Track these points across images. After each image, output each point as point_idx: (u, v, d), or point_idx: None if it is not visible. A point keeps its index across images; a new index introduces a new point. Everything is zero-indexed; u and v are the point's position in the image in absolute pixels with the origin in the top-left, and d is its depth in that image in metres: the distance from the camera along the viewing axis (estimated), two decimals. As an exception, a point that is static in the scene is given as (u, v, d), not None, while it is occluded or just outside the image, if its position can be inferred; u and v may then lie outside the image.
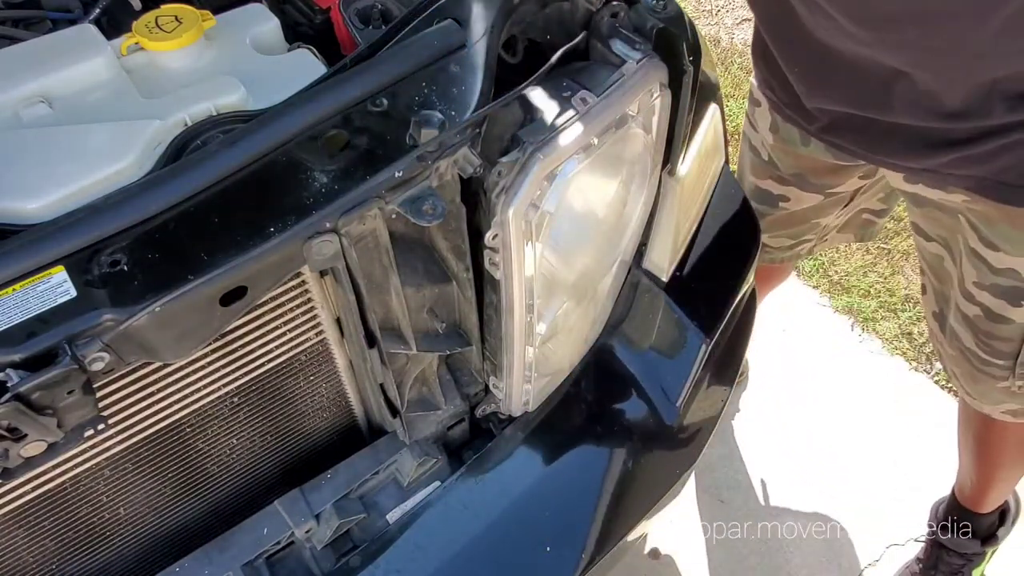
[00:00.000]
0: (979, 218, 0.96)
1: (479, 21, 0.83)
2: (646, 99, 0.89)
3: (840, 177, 1.23)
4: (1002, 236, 0.95)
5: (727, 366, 1.31)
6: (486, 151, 0.80)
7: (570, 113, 0.81)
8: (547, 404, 1.11)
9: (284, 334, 0.83)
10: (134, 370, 0.73)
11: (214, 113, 0.80)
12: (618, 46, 0.88)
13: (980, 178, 0.89)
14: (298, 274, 0.77)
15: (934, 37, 0.75)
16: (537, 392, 1.07)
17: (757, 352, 2.00)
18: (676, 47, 0.90)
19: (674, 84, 0.91)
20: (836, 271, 2.20)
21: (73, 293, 0.61)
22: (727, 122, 1.23)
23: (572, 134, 0.80)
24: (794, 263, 1.57)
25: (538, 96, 0.84)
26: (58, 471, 0.76)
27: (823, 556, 1.72)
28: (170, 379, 0.77)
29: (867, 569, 1.69)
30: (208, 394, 0.83)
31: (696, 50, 0.93)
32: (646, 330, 1.20)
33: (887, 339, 2.05)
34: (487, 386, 1.07)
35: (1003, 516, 1.60)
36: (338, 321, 0.87)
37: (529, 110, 0.83)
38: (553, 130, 0.79)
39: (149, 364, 0.73)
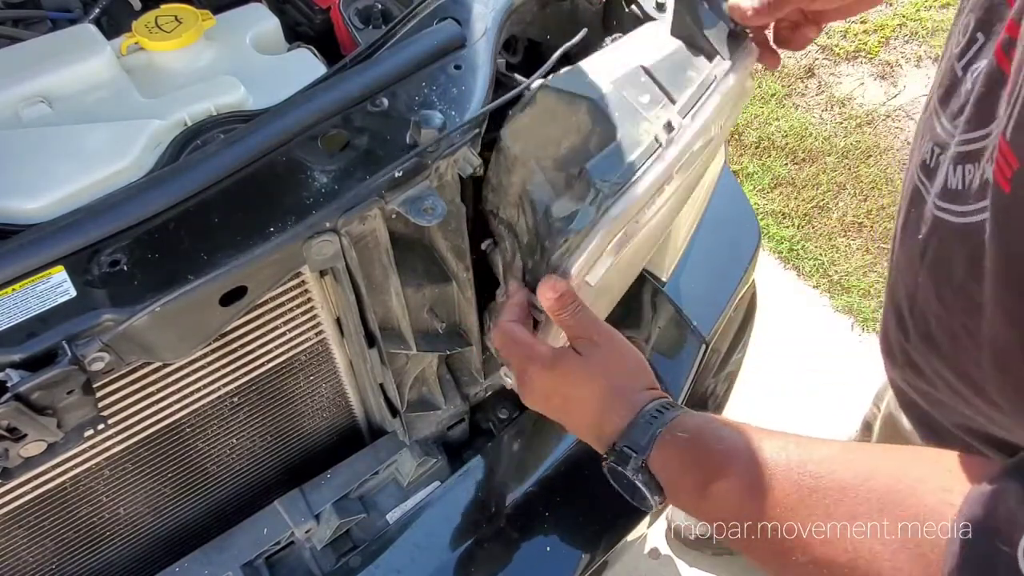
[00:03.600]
0: None
1: (479, 21, 0.83)
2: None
3: None
4: None
5: (726, 366, 1.31)
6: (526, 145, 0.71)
7: (652, 151, 0.67)
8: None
9: (284, 334, 0.83)
10: (134, 370, 0.73)
11: (214, 113, 0.80)
12: (712, 29, 0.71)
13: None
14: (298, 274, 0.77)
15: None
16: None
17: (756, 352, 2.00)
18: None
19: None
20: (836, 271, 2.20)
21: (73, 293, 0.61)
22: (727, 122, 1.22)
23: (648, 180, 0.66)
24: None
25: (613, 106, 0.68)
26: (58, 471, 0.76)
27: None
28: (170, 379, 0.77)
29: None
30: (208, 394, 0.83)
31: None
32: (646, 330, 1.20)
33: (887, 339, 2.06)
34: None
35: None
36: (338, 321, 0.86)
37: (598, 120, 0.68)
38: (630, 173, 0.66)
39: (149, 364, 0.73)
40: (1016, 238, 0.46)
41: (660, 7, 0.93)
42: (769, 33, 0.77)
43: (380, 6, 0.95)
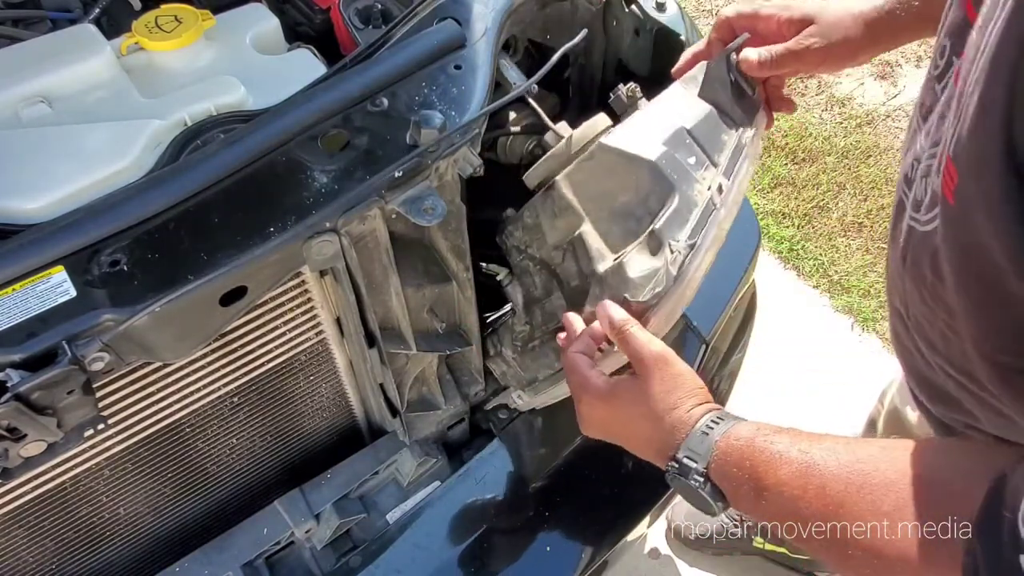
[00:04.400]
0: None
1: (479, 21, 0.83)
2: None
3: None
4: None
5: (726, 365, 1.31)
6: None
7: (710, 212, 0.72)
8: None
9: (284, 334, 0.83)
10: (134, 370, 0.73)
11: (214, 113, 0.80)
12: (737, 95, 0.78)
13: None
14: (298, 274, 0.77)
15: None
16: None
17: (756, 352, 2.00)
18: (676, 47, 0.90)
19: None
20: (836, 271, 2.20)
21: (73, 293, 0.61)
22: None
23: (709, 239, 0.72)
24: None
25: (670, 168, 0.72)
26: (58, 471, 0.76)
27: (823, 556, 1.71)
28: (170, 379, 0.77)
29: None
30: (208, 394, 0.83)
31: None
32: (646, 330, 1.20)
33: (887, 338, 2.05)
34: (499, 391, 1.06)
35: None
36: (338, 321, 0.87)
37: (658, 181, 0.73)
38: (697, 233, 0.71)
39: (149, 364, 0.73)
40: (965, 243, 0.50)
41: (660, 7, 0.93)
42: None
43: (380, 6, 0.95)
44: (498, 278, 0.93)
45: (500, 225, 0.90)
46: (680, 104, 0.78)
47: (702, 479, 0.61)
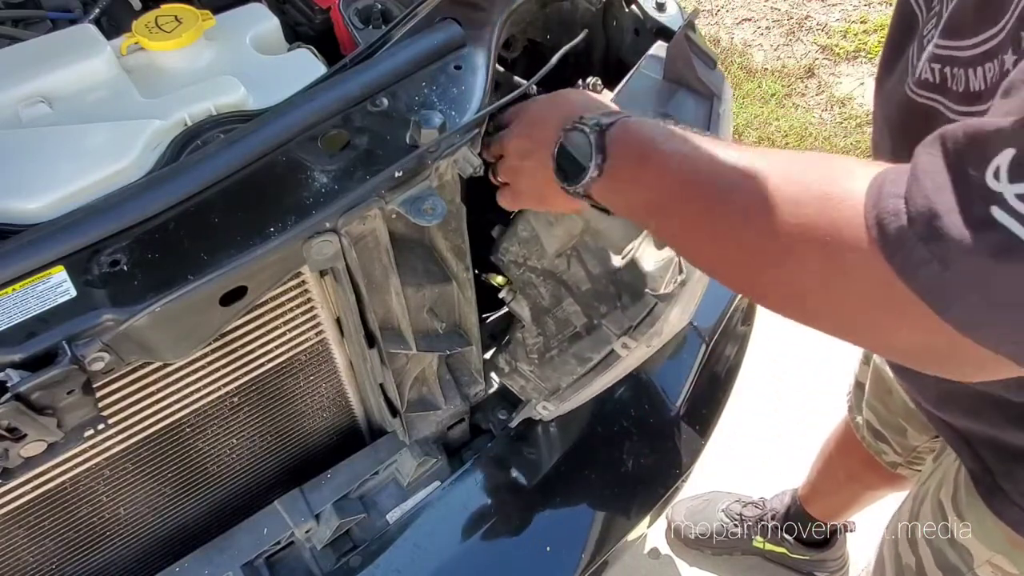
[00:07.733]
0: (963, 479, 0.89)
1: (479, 21, 0.83)
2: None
3: None
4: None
5: (727, 366, 1.31)
6: None
7: None
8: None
9: (284, 334, 0.83)
10: (134, 370, 0.73)
11: (214, 113, 0.80)
12: (703, 70, 0.81)
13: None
14: (298, 274, 0.77)
15: None
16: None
17: (757, 352, 2.00)
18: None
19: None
20: (836, 271, 2.20)
21: (73, 293, 0.61)
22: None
23: None
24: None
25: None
26: (58, 471, 0.76)
27: (823, 556, 1.71)
28: (170, 379, 0.77)
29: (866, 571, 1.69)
30: (208, 394, 0.83)
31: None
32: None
33: (887, 339, 2.05)
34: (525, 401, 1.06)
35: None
36: (338, 321, 0.87)
37: None
38: None
39: (149, 364, 0.73)
40: None
41: (660, 7, 0.93)
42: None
43: (380, 6, 0.95)
44: (500, 295, 0.93)
45: (494, 244, 0.90)
46: (646, 87, 0.81)
47: (598, 129, 0.63)
